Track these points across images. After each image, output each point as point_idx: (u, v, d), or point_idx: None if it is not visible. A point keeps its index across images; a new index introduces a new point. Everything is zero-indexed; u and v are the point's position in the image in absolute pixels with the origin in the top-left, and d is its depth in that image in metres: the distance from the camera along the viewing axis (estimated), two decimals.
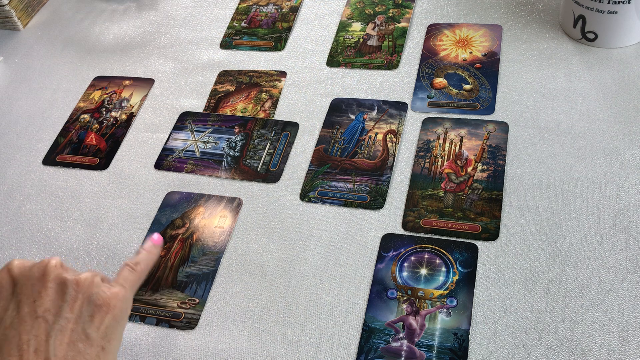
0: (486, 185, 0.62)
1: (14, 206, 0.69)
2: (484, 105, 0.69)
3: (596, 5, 0.68)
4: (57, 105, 0.80)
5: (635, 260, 0.55)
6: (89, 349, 0.45)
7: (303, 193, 0.65)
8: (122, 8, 0.92)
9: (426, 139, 0.67)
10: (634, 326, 0.51)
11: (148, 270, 0.54)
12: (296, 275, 0.59)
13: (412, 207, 0.62)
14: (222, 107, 0.75)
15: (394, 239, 0.60)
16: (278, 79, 0.77)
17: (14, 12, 0.90)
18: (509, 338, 0.52)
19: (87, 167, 0.72)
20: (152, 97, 0.79)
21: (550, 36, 0.75)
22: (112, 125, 0.76)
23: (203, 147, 0.71)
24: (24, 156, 0.75)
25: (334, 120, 0.71)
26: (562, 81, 0.70)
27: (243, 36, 0.84)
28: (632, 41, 0.71)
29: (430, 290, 0.56)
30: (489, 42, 0.75)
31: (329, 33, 0.82)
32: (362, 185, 0.64)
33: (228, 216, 0.64)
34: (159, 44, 0.85)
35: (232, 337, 0.55)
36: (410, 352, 0.52)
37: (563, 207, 0.59)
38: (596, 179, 0.61)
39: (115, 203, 0.68)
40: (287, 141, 0.70)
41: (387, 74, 0.75)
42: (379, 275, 0.57)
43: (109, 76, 0.82)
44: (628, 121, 0.65)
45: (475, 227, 0.59)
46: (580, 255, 0.56)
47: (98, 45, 0.87)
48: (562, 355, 0.50)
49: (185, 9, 0.90)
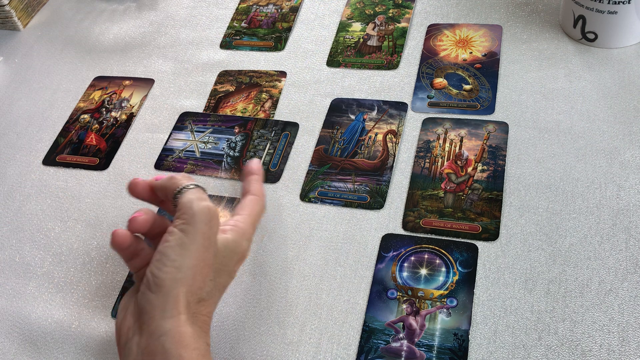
0: (486, 185, 0.62)
1: (14, 206, 0.69)
2: (484, 105, 0.69)
3: (596, 5, 0.68)
4: (57, 105, 0.80)
5: (635, 261, 0.55)
6: None
7: (303, 193, 0.65)
8: (122, 8, 0.92)
9: (426, 139, 0.67)
10: (634, 326, 0.51)
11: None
12: (296, 275, 0.59)
13: (412, 207, 0.62)
14: (222, 107, 0.75)
15: (394, 239, 0.60)
16: (278, 79, 0.77)
17: (14, 12, 0.90)
18: (509, 338, 0.52)
19: (87, 167, 0.72)
20: (152, 97, 0.79)
21: (550, 36, 0.75)
22: (112, 125, 0.76)
23: (203, 147, 0.71)
24: (24, 156, 0.75)
25: (334, 120, 0.71)
26: (562, 81, 0.70)
27: (243, 36, 0.84)
28: (632, 41, 0.71)
29: (430, 290, 0.56)
30: (489, 42, 0.75)
31: (329, 33, 0.82)
32: (362, 185, 0.64)
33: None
34: (159, 44, 0.85)
35: (232, 337, 0.55)
36: (410, 352, 0.52)
37: (563, 207, 0.59)
38: (596, 179, 0.61)
39: (115, 203, 0.68)
40: (287, 141, 0.70)
41: (387, 74, 0.75)
42: (379, 275, 0.57)
43: (109, 76, 0.82)
44: (628, 121, 0.65)
45: (475, 227, 0.59)
46: (580, 255, 0.56)
47: (98, 45, 0.87)
48: (562, 355, 0.50)
49: (185, 9, 0.90)
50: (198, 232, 0.47)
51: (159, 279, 0.46)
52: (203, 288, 0.48)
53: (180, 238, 0.47)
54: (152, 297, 0.46)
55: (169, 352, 0.44)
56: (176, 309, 0.46)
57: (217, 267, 0.49)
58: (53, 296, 0.61)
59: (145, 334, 0.46)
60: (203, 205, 0.49)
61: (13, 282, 0.63)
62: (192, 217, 0.48)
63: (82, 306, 0.60)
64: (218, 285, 0.50)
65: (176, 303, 0.46)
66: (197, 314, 0.47)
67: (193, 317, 0.47)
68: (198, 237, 0.47)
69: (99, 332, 0.58)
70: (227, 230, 0.51)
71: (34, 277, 0.63)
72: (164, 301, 0.46)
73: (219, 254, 0.49)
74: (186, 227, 0.48)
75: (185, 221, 0.48)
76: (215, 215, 0.49)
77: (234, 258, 0.51)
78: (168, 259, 0.47)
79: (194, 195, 0.50)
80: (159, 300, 0.46)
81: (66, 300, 0.60)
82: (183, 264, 0.46)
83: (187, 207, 0.49)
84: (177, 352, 0.44)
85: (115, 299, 0.60)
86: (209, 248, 0.48)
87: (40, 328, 0.59)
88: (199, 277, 0.47)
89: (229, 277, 0.51)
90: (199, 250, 0.47)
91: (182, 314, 0.46)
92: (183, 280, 0.46)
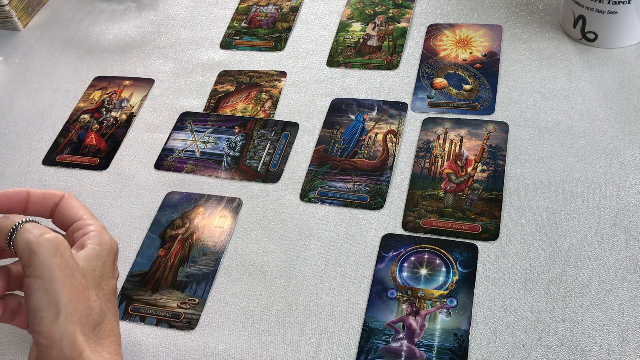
0: (486, 185, 0.62)
1: None
2: (484, 105, 0.69)
3: (596, 5, 0.68)
4: (57, 105, 0.80)
5: (635, 260, 0.55)
6: None
7: (303, 193, 0.65)
8: (122, 8, 0.92)
9: (426, 139, 0.67)
10: (634, 326, 0.51)
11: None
12: (296, 275, 0.59)
13: (412, 207, 0.62)
14: (222, 107, 0.75)
15: (394, 239, 0.60)
16: (278, 79, 0.77)
17: (14, 12, 0.90)
18: (509, 338, 0.52)
19: (87, 167, 0.72)
20: (152, 97, 0.79)
21: (550, 36, 0.75)
22: (112, 125, 0.76)
23: (203, 147, 0.71)
24: (24, 156, 0.75)
25: (334, 120, 0.71)
26: (562, 81, 0.70)
27: (243, 36, 0.84)
28: (632, 41, 0.71)
29: (430, 290, 0.56)
30: (489, 42, 0.75)
31: (329, 33, 0.82)
32: (362, 185, 0.64)
33: (228, 216, 0.64)
34: (159, 44, 0.85)
35: (232, 337, 0.55)
36: (410, 352, 0.52)
37: (563, 207, 0.59)
38: (596, 179, 0.61)
39: (115, 203, 0.68)
40: (287, 141, 0.70)
41: (387, 74, 0.75)
42: (379, 275, 0.57)
43: (109, 76, 0.82)
44: (628, 121, 0.65)
45: (475, 227, 0.59)
46: (580, 255, 0.56)
47: (98, 45, 0.87)
48: (562, 355, 0.50)
49: (185, 9, 0.90)
50: (52, 268, 0.44)
51: (44, 333, 0.43)
52: (91, 314, 0.45)
53: (39, 286, 0.44)
54: (50, 351, 0.44)
55: None
56: (77, 350, 0.44)
57: (94, 282, 0.47)
58: None
59: None
60: (42, 240, 0.44)
61: None
62: (37, 258, 0.44)
63: None
64: (105, 296, 0.48)
65: (74, 345, 0.44)
66: (100, 339, 0.45)
67: (97, 345, 0.45)
68: (56, 273, 0.44)
69: None
70: (84, 243, 0.49)
71: None
72: (60, 350, 0.43)
73: (88, 272, 0.47)
74: (38, 271, 0.44)
75: (33, 265, 0.44)
76: (60, 242, 0.45)
77: (107, 261, 0.49)
78: (40, 312, 0.43)
79: (29, 234, 0.45)
80: (57, 352, 0.44)
81: None
82: (58, 307, 0.43)
83: (27, 249, 0.44)
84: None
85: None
86: (73, 274, 0.45)
87: None
88: (81, 306, 0.45)
89: (113, 278, 0.49)
90: (64, 283, 0.44)
91: (85, 350, 0.44)
92: (67, 320, 0.44)
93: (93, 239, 0.49)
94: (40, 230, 0.45)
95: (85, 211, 0.52)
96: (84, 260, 0.47)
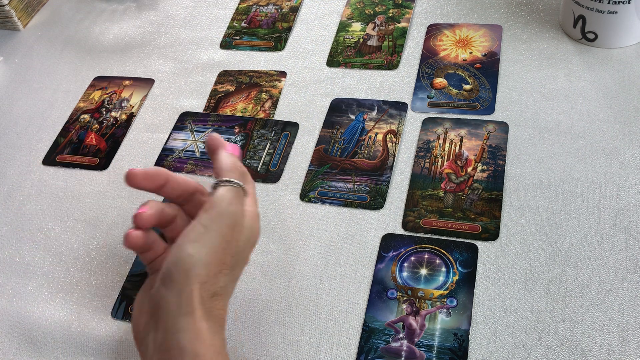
0: (486, 185, 0.62)
1: (14, 206, 0.69)
2: (484, 105, 0.69)
3: (596, 5, 0.68)
4: (57, 105, 0.80)
5: (635, 260, 0.55)
6: None
7: (303, 193, 0.65)
8: (122, 8, 0.92)
9: (426, 139, 0.67)
10: (634, 326, 0.51)
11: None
12: (296, 275, 0.59)
13: (412, 207, 0.62)
14: (222, 107, 0.75)
15: (394, 239, 0.60)
16: (278, 79, 0.77)
17: (14, 12, 0.90)
18: (509, 338, 0.52)
19: (87, 167, 0.72)
20: (152, 97, 0.79)
21: (550, 36, 0.75)
22: (112, 125, 0.76)
23: (203, 147, 0.71)
24: (24, 156, 0.75)
25: (334, 120, 0.71)
26: (562, 81, 0.70)
27: (243, 36, 0.84)
28: (632, 41, 0.71)
29: (430, 290, 0.56)
30: (489, 42, 0.75)
31: (329, 33, 0.82)
32: (362, 185, 0.64)
33: None
34: (159, 44, 0.85)
35: (232, 337, 0.55)
36: (410, 352, 0.52)
37: (563, 207, 0.59)
38: (596, 179, 0.61)
39: (115, 203, 0.68)
40: (287, 141, 0.70)
41: (387, 74, 0.75)
42: (379, 275, 0.57)
43: (109, 76, 0.82)
44: (628, 121, 0.65)
45: (475, 227, 0.59)
46: (580, 255, 0.56)
47: (98, 45, 0.87)
48: (562, 355, 0.50)
49: (185, 9, 0.90)
50: (219, 233, 0.46)
51: (173, 274, 0.45)
52: (217, 283, 0.46)
53: (200, 235, 0.46)
54: (167, 294, 0.45)
55: (184, 349, 0.44)
56: (191, 306, 0.45)
57: (234, 262, 0.48)
58: (53, 296, 0.61)
59: (161, 331, 0.45)
60: (232, 209, 0.47)
61: (13, 282, 0.63)
62: (218, 217, 0.47)
63: (82, 306, 0.60)
64: (234, 277, 0.49)
65: (191, 299, 0.45)
66: (212, 309, 0.46)
67: (208, 312, 0.46)
68: (218, 238, 0.46)
69: (99, 332, 0.58)
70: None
71: (34, 277, 0.63)
72: (178, 298, 0.45)
73: (237, 252, 0.48)
74: (209, 224, 0.46)
75: (211, 218, 0.46)
76: (240, 222, 0.48)
77: (250, 247, 0.50)
78: (185, 254, 0.45)
79: (229, 195, 0.48)
80: (174, 297, 0.45)
81: (66, 300, 0.60)
82: (199, 260, 0.45)
83: (217, 204, 0.47)
84: (192, 349, 0.44)
85: (115, 299, 0.60)
86: (227, 250, 0.47)
87: (40, 328, 0.59)
88: (214, 273, 0.46)
89: (245, 264, 0.50)
90: (217, 250, 0.46)
91: (197, 309, 0.45)
92: (197, 276, 0.45)
93: (250, 218, 0.50)
94: (238, 200, 0.49)
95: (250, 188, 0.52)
96: (243, 240, 0.49)
